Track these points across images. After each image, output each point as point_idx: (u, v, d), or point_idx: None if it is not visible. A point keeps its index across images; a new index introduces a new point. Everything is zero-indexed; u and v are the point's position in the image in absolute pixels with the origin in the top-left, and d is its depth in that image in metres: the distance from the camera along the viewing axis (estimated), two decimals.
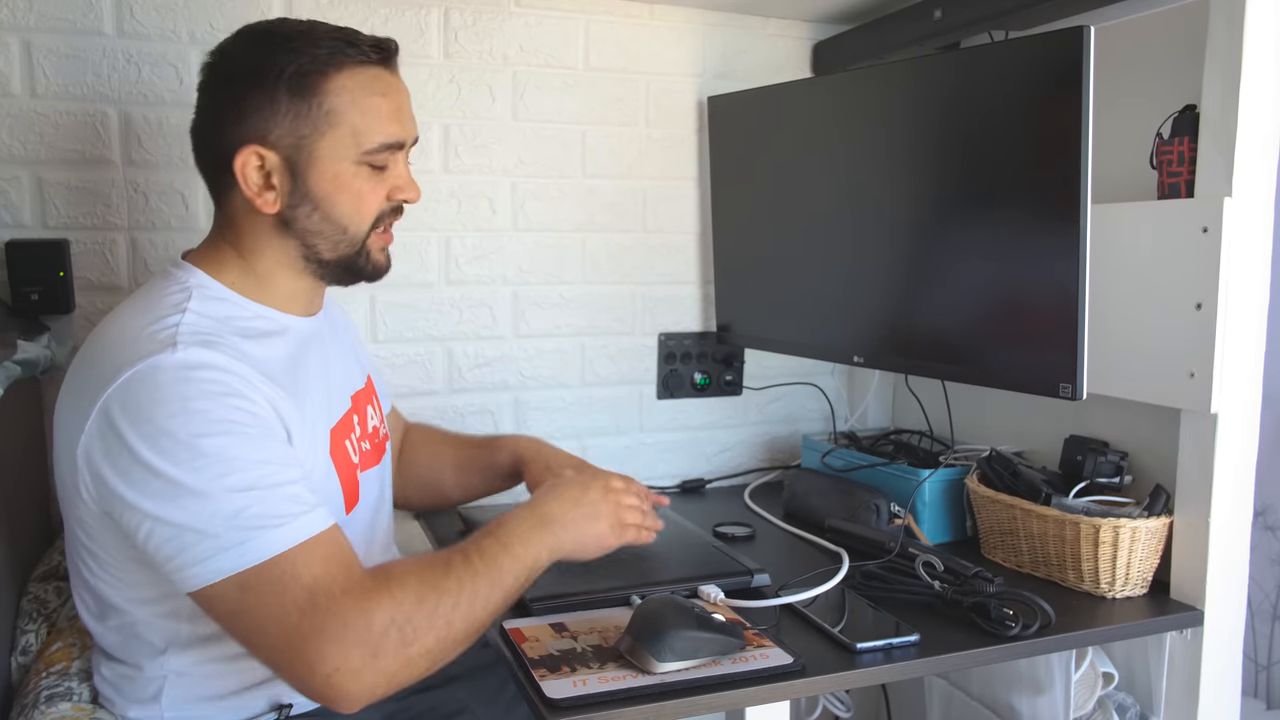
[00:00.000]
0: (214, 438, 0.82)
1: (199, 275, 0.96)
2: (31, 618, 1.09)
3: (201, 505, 0.81)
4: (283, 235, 0.97)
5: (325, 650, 0.79)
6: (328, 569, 0.82)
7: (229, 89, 0.94)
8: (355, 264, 1.01)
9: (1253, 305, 1.10)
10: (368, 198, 0.98)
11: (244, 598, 0.81)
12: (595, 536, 1.03)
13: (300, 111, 0.93)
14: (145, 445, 0.81)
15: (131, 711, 0.95)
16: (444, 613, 0.85)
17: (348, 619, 0.80)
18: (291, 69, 0.92)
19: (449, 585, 0.86)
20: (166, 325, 0.88)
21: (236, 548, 0.81)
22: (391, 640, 0.81)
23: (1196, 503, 1.14)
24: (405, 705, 1.08)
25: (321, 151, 0.94)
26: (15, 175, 1.31)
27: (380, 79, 0.97)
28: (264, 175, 0.94)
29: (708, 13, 1.63)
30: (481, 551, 0.91)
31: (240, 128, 0.93)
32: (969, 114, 1.21)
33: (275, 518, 0.82)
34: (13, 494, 1.13)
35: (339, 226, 0.97)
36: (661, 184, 1.65)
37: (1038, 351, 1.15)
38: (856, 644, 0.99)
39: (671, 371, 1.69)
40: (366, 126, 0.95)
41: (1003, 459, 1.30)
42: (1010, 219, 1.17)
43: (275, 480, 0.84)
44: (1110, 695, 1.23)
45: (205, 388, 0.84)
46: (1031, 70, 1.12)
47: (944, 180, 1.26)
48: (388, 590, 0.83)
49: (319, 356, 1.05)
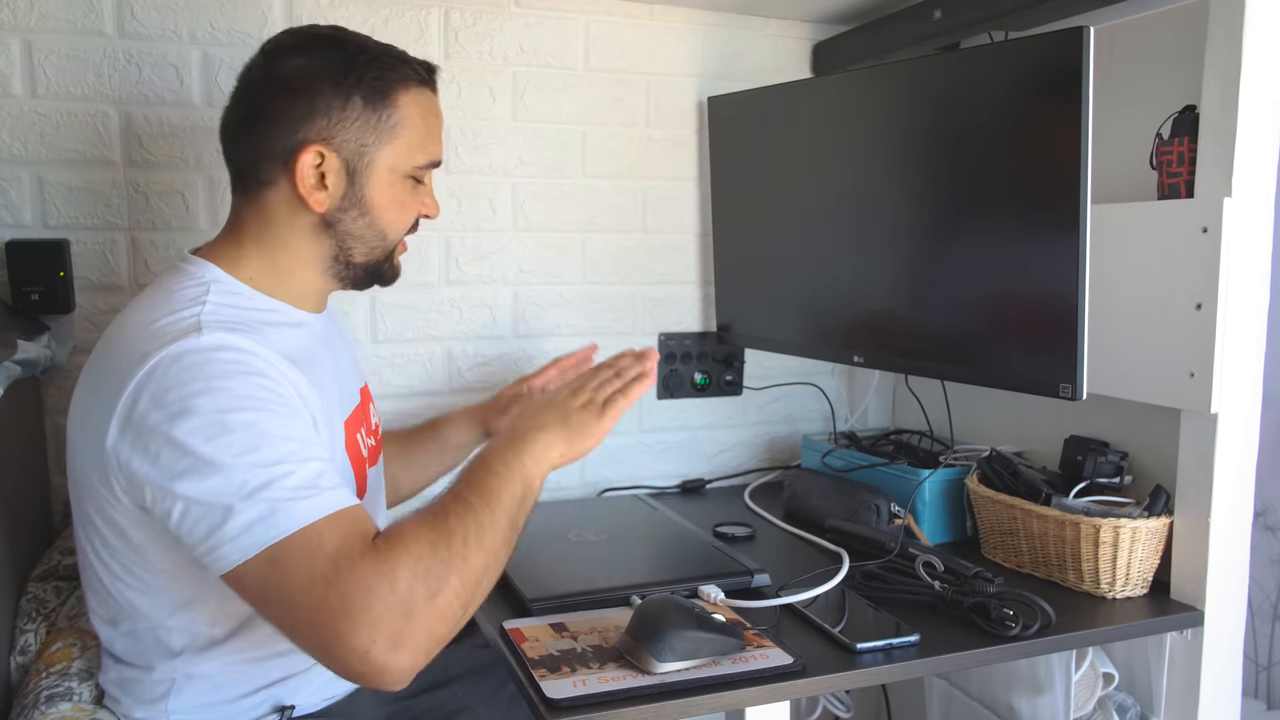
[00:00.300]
0: (240, 413, 0.83)
1: (213, 270, 0.97)
2: (31, 617, 1.09)
3: (228, 480, 0.81)
4: (320, 235, 0.99)
5: (356, 621, 0.78)
6: (349, 539, 0.82)
7: (302, 85, 0.95)
8: (380, 269, 1.05)
9: (1253, 305, 1.10)
10: (407, 209, 1.02)
11: (273, 573, 0.80)
12: (579, 426, 0.99)
13: (370, 120, 0.96)
14: (172, 426, 0.82)
15: (138, 712, 0.95)
16: (458, 552, 0.84)
17: (371, 581, 0.79)
18: (370, 78, 0.96)
19: (452, 525, 0.85)
20: (187, 315, 0.89)
21: (264, 520, 0.80)
22: (419, 594, 0.80)
23: (1197, 503, 1.14)
24: (406, 706, 1.09)
25: (381, 160, 0.98)
26: (16, 175, 1.31)
27: (432, 101, 1.03)
28: (320, 175, 0.96)
29: (707, 13, 1.63)
30: (470, 484, 0.91)
31: (308, 125, 0.94)
32: (969, 114, 1.21)
33: (302, 490, 0.82)
34: (12, 494, 1.13)
35: (380, 233, 1.01)
36: (661, 184, 1.65)
37: (1038, 352, 1.15)
38: (856, 644, 0.99)
39: (672, 371, 1.69)
40: (421, 144, 1.00)
41: (1003, 459, 1.30)
42: (1010, 219, 1.17)
43: (301, 456, 0.84)
44: (1110, 695, 1.23)
45: (229, 367, 0.85)
46: (1031, 71, 1.12)
47: (944, 180, 1.26)
48: (402, 547, 0.82)
49: (330, 352, 1.07)
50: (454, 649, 1.18)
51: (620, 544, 1.26)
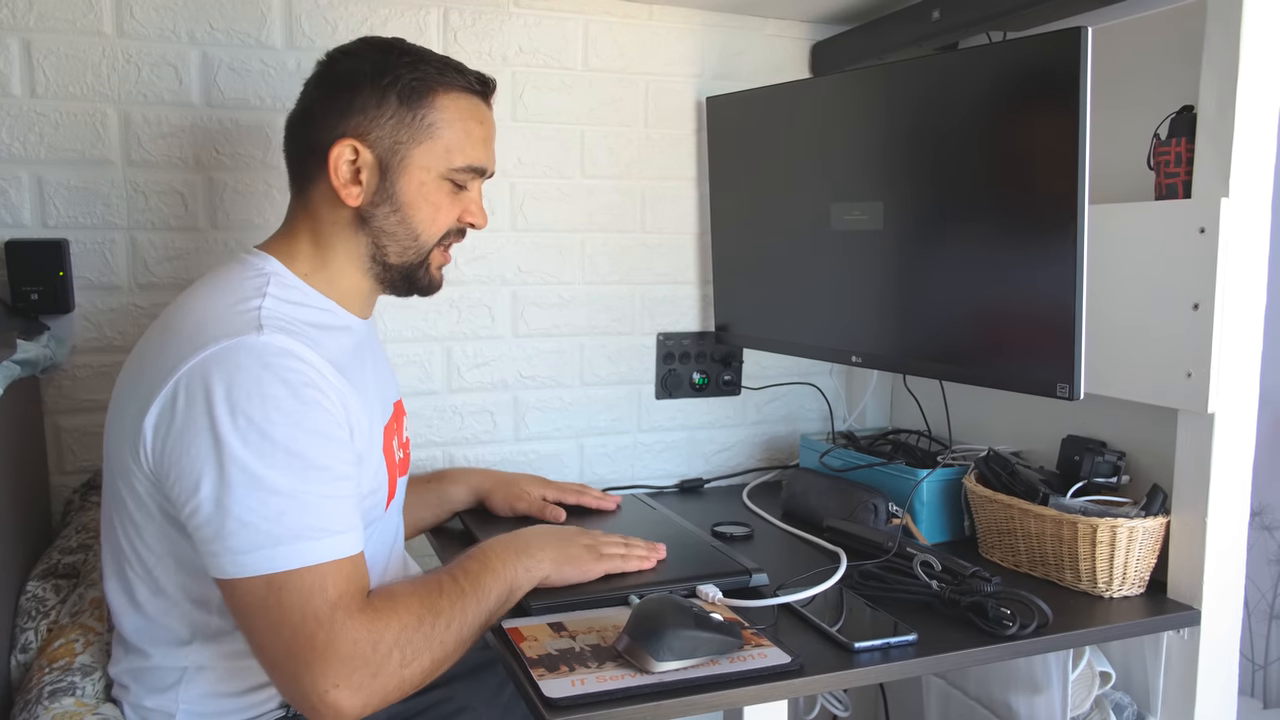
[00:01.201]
0: (281, 427, 0.85)
1: (273, 263, 1.00)
2: (30, 616, 1.09)
3: (254, 495, 0.83)
4: (357, 231, 1.01)
5: (331, 665, 0.82)
6: (349, 588, 0.86)
7: (345, 84, 0.99)
8: (415, 274, 1.06)
9: (1250, 305, 1.11)
10: (443, 212, 1.04)
11: (269, 596, 0.83)
12: (572, 559, 1.08)
13: (404, 118, 0.99)
14: (217, 420, 0.83)
15: (147, 700, 0.96)
16: (439, 633, 0.89)
17: (358, 636, 0.84)
18: (407, 78, 0.98)
19: (443, 606, 0.91)
20: (250, 307, 0.91)
21: (274, 548, 0.83)
22: (394, 661, 0.85)
23: (1194, 502, 1.14)
24: (406, 705, 1.09)
25: (415, 159, 1.00)
26: (15, 175, 1.31)
27: (478, 109, 1.04)
28: (354, 170, 0.99)
29: (706, 13, 1.63)
30: (466, 572, 0.96)
31: (345, 121, 0.98)
32: (967, 114, 1.21)
33: (320, 529, 0.85)
34: (12, 493, 1.13)
35: (412, 232, 1.02)
36: (660, 184, 1.65)
37: (1035, 352, 1.15)
38: (854, 643, 1.00)
39: (670, 371, 1.69)
40: (459, 147, 1.02)
41: (1000, 459, 1.30)
42: (1008, 219, 1.18)
43: (329, 491, 0.87)
44: (1107, 694, 1.23)
45: (287, 376, 0.86)
46: (1030, 71, 1.12)
47: (942, 180, 1.26)
48: (395, 613, 0.87)
49: (372, 358, 1.10)
50: None
51: None
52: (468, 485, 1.38)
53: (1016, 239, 1.16)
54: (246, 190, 1.41)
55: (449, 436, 1.56)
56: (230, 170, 1.40)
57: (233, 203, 1.40)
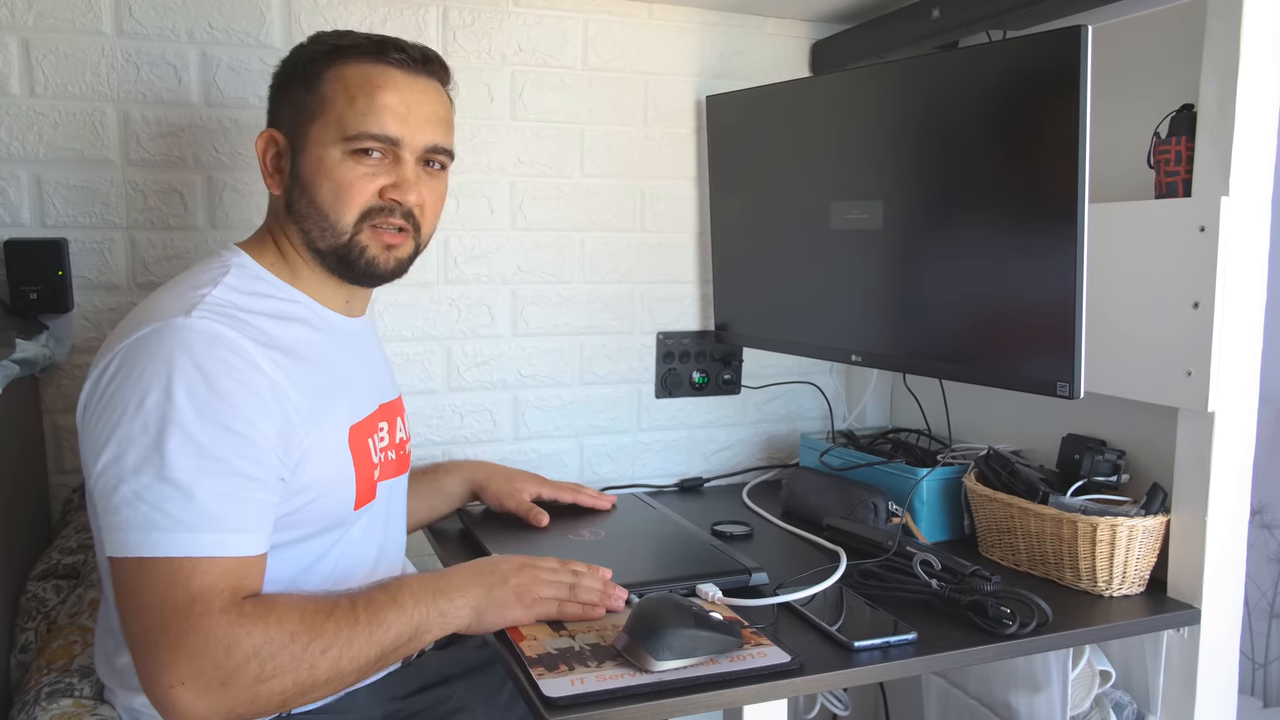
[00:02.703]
0: (189, 416, 0.84)
1: (242, 256, 1.01)
2: (30, 616, 1.10)
3: (144, 475, 0.82)
4: (289, 220, 1.02)
5: (178, 659, 0.79)
6: (217, 587, 0.82)
7: (273, 80, 1.04)
8: (348, 257, 1.00)
9: (1250, 304, 1.11)
10: (349, 188, 0.98)
11: (137, 577, 0.82)
12: (497, 604, 0.97)
13: (303, 99, 0.99)
14: (128, 399, 0.84)
15: (135, 700, 0.95)
16: (310, 656, 0.84)
17: (210, 636, 0.80)
18: (308, 59, 0.99)
19: (326, 629, 0.85)
20: (195, 295, 0.92)
21: (149, 531, 0.82)
22: (249, 672, 0.81)
23: (1194, 501, 1.14)
24: (404, 704, 1.08)
25: (312, 135, 0.99)
26: (14, 174, 1.31)
27: (389, 76, 0.99)
28: (276, 159, 1.01)
29: (706, 12, 1.63)
30: (370, 601, 0.90)
31: (270, 114, 1.03)
32: (967, 113, 1.21)
33: (203, 522, 0.83)
34: (11, 493, 1.13)
35: (321, 212, 0.99)
36: (660, 183, 1.65)
37: (1035, 350, 1.15)
38: (854, 642, 1.00)
39: (670, 370, 1.69)
40: (351, 116, 0.97)
41: (1000, 457, 1.30)
42: (1008, 218, 1.18)
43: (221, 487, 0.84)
44: (1107, 693, 1.23)
45: (203, 363, 0.86)
46: (1030, 69, 1.12)
47: (941, 179, 1.26)
48: (263, 622, 0.83)
49: (352, 356, 1.06)
50: (452, 649, 1.18)
51: (618, 542, 1.26)
52: (461, 476, 1.35)
53: (1017, 237, 1.16)
54: (245, 189, 1.41)
55: (448, 436, 1.56)
56: (229, 169, 1.40)
57: (232, 202, 1.40)
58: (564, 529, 1.30)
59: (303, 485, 0.94)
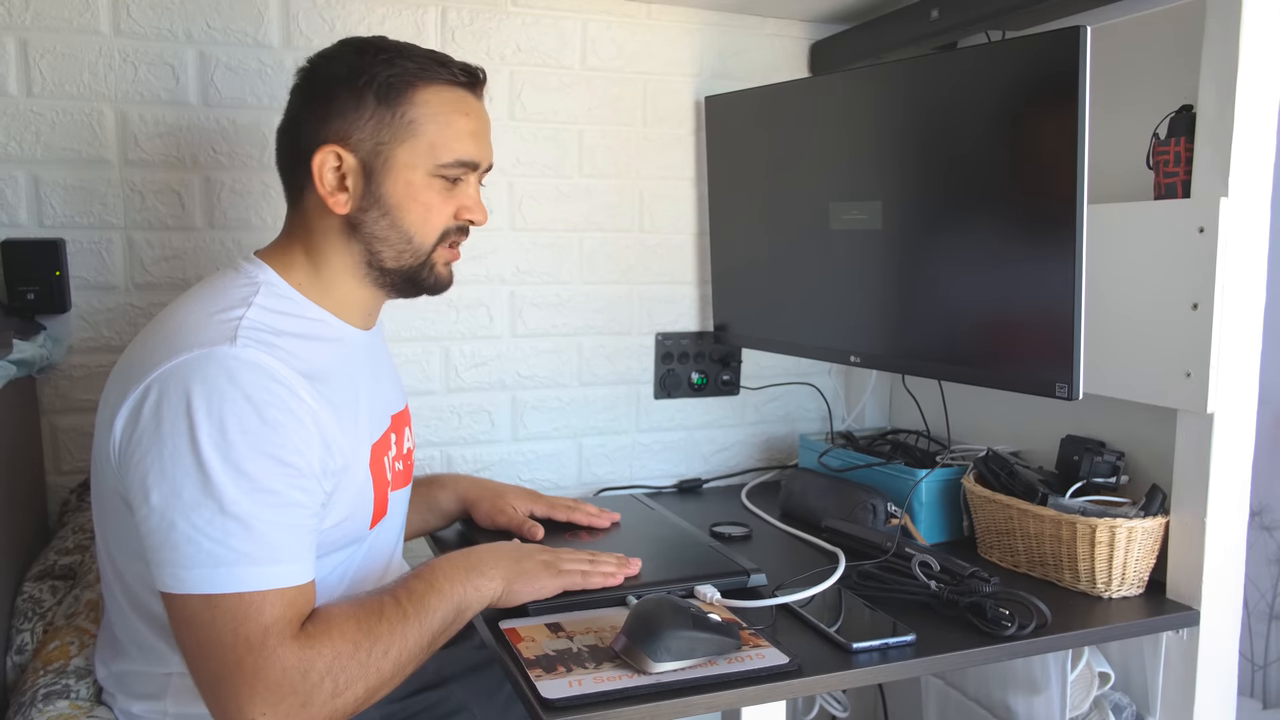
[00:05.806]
0: (241, 449, 0.83)
1: (268, 272, 0.98)
2: (27, 617, 1.09)
3: (203, 511, 0.82)
4: (349, 238, 0.99)
5: (256, 693, 0.81)
6: (285, 617, 0.84)
7: (322, 90, 0.97)
8: (418, 276, 1.03)
9: (1249, 305, 1.11)
10: (436, 211, 1.00)
11: (204, 613, 0.82)
12: (525, 574, 1.02)
13: (384, 118, 0.96)
14: (177, 430, 0.83)
15: (135, 706, 0.95)
16: (375, 660, 0.87)
17: (288, 664, 0.82)
18: (383, 77, 0.96)
19: (382, 631, 0.88)
20: (231, 317, 0.90)
21: (215, 569, 0.82)
22: (325, 690, 0.83)
23: (1193, 502, 1.14)
24: (403, 705, 1.08)
25: (398, 159, 0.97)
26: (11, 174, 1.30)
27: (464, 100, 1.00)
28: (339, 176, 0.97)
29: (705, 12, 1.63)
30: (410, 593, 0.93)
31: (325, 127, 0.96)
32: (966, 114, 1.21)
33: (263, 556, 0.83)
34: (8, 493, 1.12)
35: (404, 235, 0.99)
36: (659, 184, 1.65)
37: (1034, 352, 1.15)
38: (853, 644, 0.99)
39: (668, 371, 1.69)
40: (444, 142, 0.98)
41: (999, 459, 1.30)
42: (1007, 219, 1.17)
43: (277, 518, 0.85)
44: (1106, 695, 1.23)
45: (252, 393, 0.85)
46: (1029, 70, 1.12)
47: (940, 179, 1.26)
48: (328, 639, 0.85)
49: (369, 371, 1.06)
50: (451, 649, 1.18)
51: (617, 544, 1.26)
52: (455, 492, 1.33)
53: (1015, 238, 1.16)
54: (244, 190, 1.41)
55: (447, 436, 1.56)
56: (227, 170, 1.39)
57: (230, 202, 1.40)
58: (563, 529, 1.30)
59: (335, 506, 0.95)
